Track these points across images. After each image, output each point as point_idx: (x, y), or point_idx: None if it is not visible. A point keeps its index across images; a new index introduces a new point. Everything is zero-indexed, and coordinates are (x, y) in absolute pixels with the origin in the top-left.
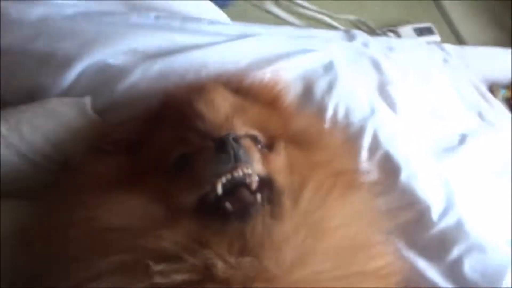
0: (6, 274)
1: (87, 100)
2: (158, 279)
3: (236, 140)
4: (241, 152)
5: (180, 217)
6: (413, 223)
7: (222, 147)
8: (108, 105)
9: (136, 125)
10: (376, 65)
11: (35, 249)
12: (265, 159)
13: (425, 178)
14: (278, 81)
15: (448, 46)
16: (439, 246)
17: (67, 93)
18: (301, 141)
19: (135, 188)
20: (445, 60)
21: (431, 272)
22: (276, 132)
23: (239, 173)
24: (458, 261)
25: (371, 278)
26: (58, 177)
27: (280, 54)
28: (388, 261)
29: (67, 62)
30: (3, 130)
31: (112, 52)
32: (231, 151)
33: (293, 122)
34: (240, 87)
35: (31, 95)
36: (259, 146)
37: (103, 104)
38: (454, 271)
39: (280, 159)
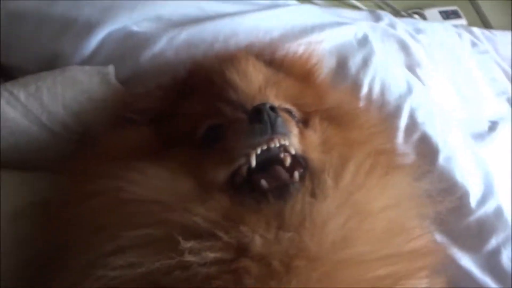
0: (23, 247)
1: (110, 69)
2: (188, 257)
3: (273, 109)
4: (278, 122)
5: (211, 193)
6: (450, 209)
7: (258, 116)
8: (131, 75)
9: (163, 95)
10: (404, 47)
11: (55, 221)
12: (301, 135)
13: (463, 161)
14: (313, 54)
15: (476, 30)
16: (476, 235)
17: (88, 61)
18: (336, 118)
19: (162, 161)
20: (474, 44)
21: (467, 262)
22: (310, 108)
23: (275, 144)
24: (496, 252)
25: (407, 258)
26: (79, 148)
27: (313, 26)
28: (425, 243)
29: (88, 28)
30: (23, 97)
31: (136, 19)
32: (267, 121)
33: (328, 98)
34: (273, 59)
35: (51, 64)
36: (295, 121)
37: (127, 74)
38: (491, 262)
39: (316, 136)
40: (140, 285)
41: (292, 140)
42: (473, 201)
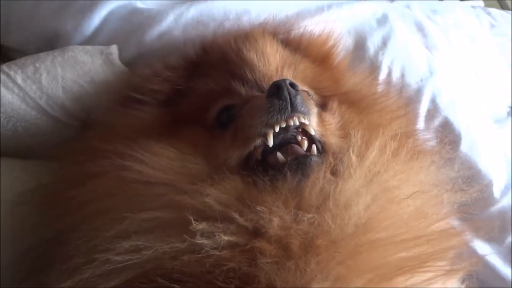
0: (23, 233)
1: (114, 49)
2: (200, 239)
3: (293, 86)
4: (298, 100)
5: (224, 174)
6: (473, 199)
7: (277, 92)
8: (136, 55)
9: (172, 75)
10: (420, 28)
11: (55, 204)
12: (319, 118)
13: (486, 149)
14: (330, 35)
15: (494, 11)
16: (499, 226)
17: (90, 41)
18: (355, 103)
19: (172, 141)
20: (492, 26)
21: (489, 252)
22: (327, 92)
23: (295, 122)
24: None
25: (430, 241)
26: (82, 132)
27: (330, 3)
28: (447, 227)
29: (90, 4)
30: (20, 80)
31: None
32: (287, 97)
33: (346, 82)
34: (289, 39)
35: (51, 44)
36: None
37: (131, 54)
38: None
39: (334, 120)
40: (146, 270)
41: (311, 120)
42: (496, 190)
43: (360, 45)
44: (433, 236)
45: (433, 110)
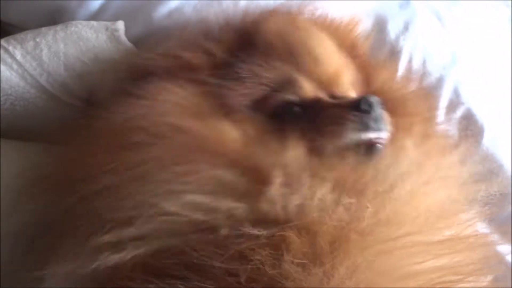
0: (22, 211)
1: (120, 25)
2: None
3: (379, 104)
4: (383, 117)
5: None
6: (493, 195)
7: (367, 109)
8: (143, 34)
9: (217, 49)
10: (439, 17)
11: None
12: None
13: (509, 143)
14: (355, 20)
15: None
16: None
17: (95, 18)
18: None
19: (226, 120)
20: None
21: (509, 252)
22: (361, 89)
23: (380, 142)
24: None
25: (463, 248)
26: (83, 116)
27: None
28: (470, 233)
29: None
30: (19, 55)
31: None
32: (376, 116)
33: (375, 78)
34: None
35: (54, 21)
36: None
37: (138, 32)
38: None
39: None
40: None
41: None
42: None
43: (380, 28)
44: (468, 242)
45: (456, 101)
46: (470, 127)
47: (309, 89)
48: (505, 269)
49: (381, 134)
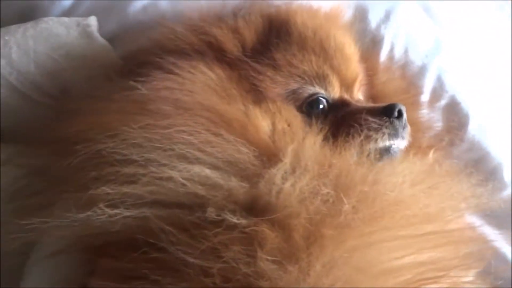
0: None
1: (92, 21)
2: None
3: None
4: (406, 126)
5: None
6: (481, 183)
7: (397, 116)
8: (118, 29)
9: (250, 34)
10: (426, 8)
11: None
12: None
13: (495, 131)
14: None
15: None
16: (510, 212)
17: (69, 14)
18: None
19: (256, 107)
20: (501, 8)
21: (500, 241)
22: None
23: (398, 145)
24: None
25: (450, 242)
26: (56, 115)
27: None
28: (455, 226)
29: None
30: None
31: None
32: (403, 124)
33: (377, 79)
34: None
35: (27, 18)
36: None
37: (112, 28)
38: None
39: None
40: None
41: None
42: (506, 175)
43: (361, 17)
44: (453, 236)
45: (439, 89)
46: (455, 116)
47: (337, 88)
48: (499, 260)
49: (404, 142)
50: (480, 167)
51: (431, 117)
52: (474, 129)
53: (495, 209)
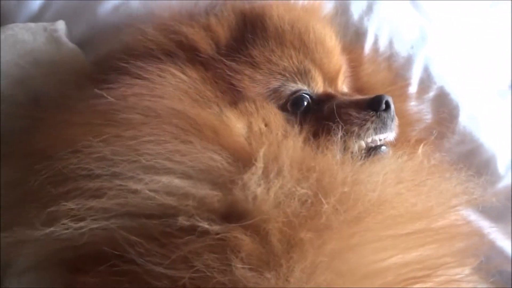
0: None
1: (59, 25)
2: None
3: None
4: (394, 117)
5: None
6: (474, 176)
7: (385, 108)
8: (88, 32)
9: (224, 32)
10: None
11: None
12: None
13: (487, 121)
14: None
15: None
16: (506, 204)
17: (38, 18)
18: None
19: (231, 108)
20: None
21: (496, 233)
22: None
23: (387, 138)
24: None
25: (438, 239)
26: (31, 125)
27: None
28: (454, 222)
29: None
30: None
31: None
32: (391, 116)
33: (363, 72)
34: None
35: None
36: None
37: (83, 30)
38: None
39: None
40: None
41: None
42: (501, 166)
43: (342, 10)
44: (440, 234)
45: (427, 80)
46: (445, 107)
47: (320, 82)
48: (497, 255)
49: (393, 134)
50: (473, 159)
51: (420, 109)
52: (465, 120)
53: (490, 203)
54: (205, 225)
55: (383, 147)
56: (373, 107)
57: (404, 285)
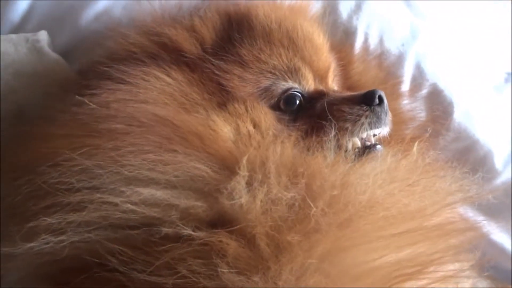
0: None
1: (41, 36)
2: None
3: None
4: (388, 112)
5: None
6: (471, 172)
7: (378, 103)
8: (72, 40)
9: (205, 31)
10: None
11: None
12: None
13: (483, 117)
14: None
15: None
16: (504, 200)
17: (20, 29)
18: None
19: (225, 115)
20: None
21: (494, 230)
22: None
23: (382, 132)
24: None
25: (430, 236)
26: (17, 138)
27: None
28: (448, 219)
29: None
30: None
31: None
32: (386, 110)
33: (354, 71)
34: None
35: None
36: None
37: (66, 39)
38: None
39: None
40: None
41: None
42: (498, 161)
43: (331, 10)
44: (433, 231)
45: (419, 77)
46: (439, 105)
47: (311, 80)
48: (496, 251)
49: (387, 129)
50: (469, 156)
51: (414, 107)
52: (460, 116)
53: (487, 199)
54: (189, 231)
55: (378, 146)
56: (366, 102)
57: (395, 282)
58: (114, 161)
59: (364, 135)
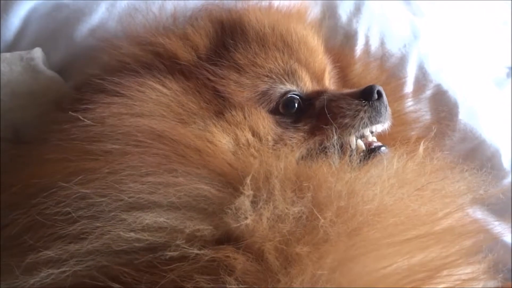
0: None
1: (36, 53)
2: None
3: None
4: (387, 106)
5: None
6: (479, 172)
7: (377, 98)
8: (68, 56)
9: (203, 40)
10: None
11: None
12: None
13: (488, 116)
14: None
15: None
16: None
17: (15, 46)
18: None
19: (217, 119)
20: None
21: (503, 230)
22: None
23: (383, 128)
24: None
25: (441, 241)
26: (16, 158)
27: None
28: (459, 222)
29: (3, 6)
30: None
31: None
32: (386, 104)
33: (353, 73)
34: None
35: None
36: None
37: (62, 55)
38: None
39: None
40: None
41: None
42: (505, 161)
43: (330, 14)
44: (444, 235)
45: (423, 79)
46: (443, 106)
47: (308, 81)
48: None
49: (387, 124)
50: (476, 156)
51: (417, 109)
52: (465, 117)
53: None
54: (195, 251)
55: (383, 148)
56: (365, 96)
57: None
58: (112, 187)
59: (366, 131)
